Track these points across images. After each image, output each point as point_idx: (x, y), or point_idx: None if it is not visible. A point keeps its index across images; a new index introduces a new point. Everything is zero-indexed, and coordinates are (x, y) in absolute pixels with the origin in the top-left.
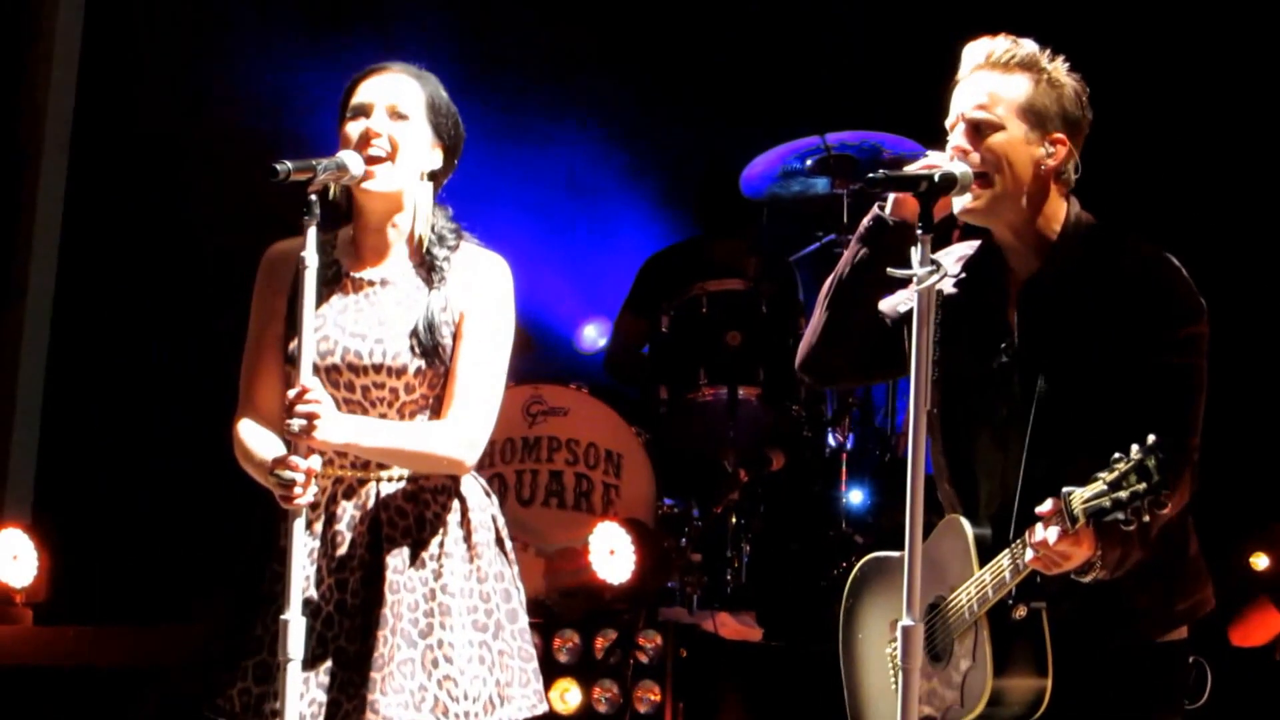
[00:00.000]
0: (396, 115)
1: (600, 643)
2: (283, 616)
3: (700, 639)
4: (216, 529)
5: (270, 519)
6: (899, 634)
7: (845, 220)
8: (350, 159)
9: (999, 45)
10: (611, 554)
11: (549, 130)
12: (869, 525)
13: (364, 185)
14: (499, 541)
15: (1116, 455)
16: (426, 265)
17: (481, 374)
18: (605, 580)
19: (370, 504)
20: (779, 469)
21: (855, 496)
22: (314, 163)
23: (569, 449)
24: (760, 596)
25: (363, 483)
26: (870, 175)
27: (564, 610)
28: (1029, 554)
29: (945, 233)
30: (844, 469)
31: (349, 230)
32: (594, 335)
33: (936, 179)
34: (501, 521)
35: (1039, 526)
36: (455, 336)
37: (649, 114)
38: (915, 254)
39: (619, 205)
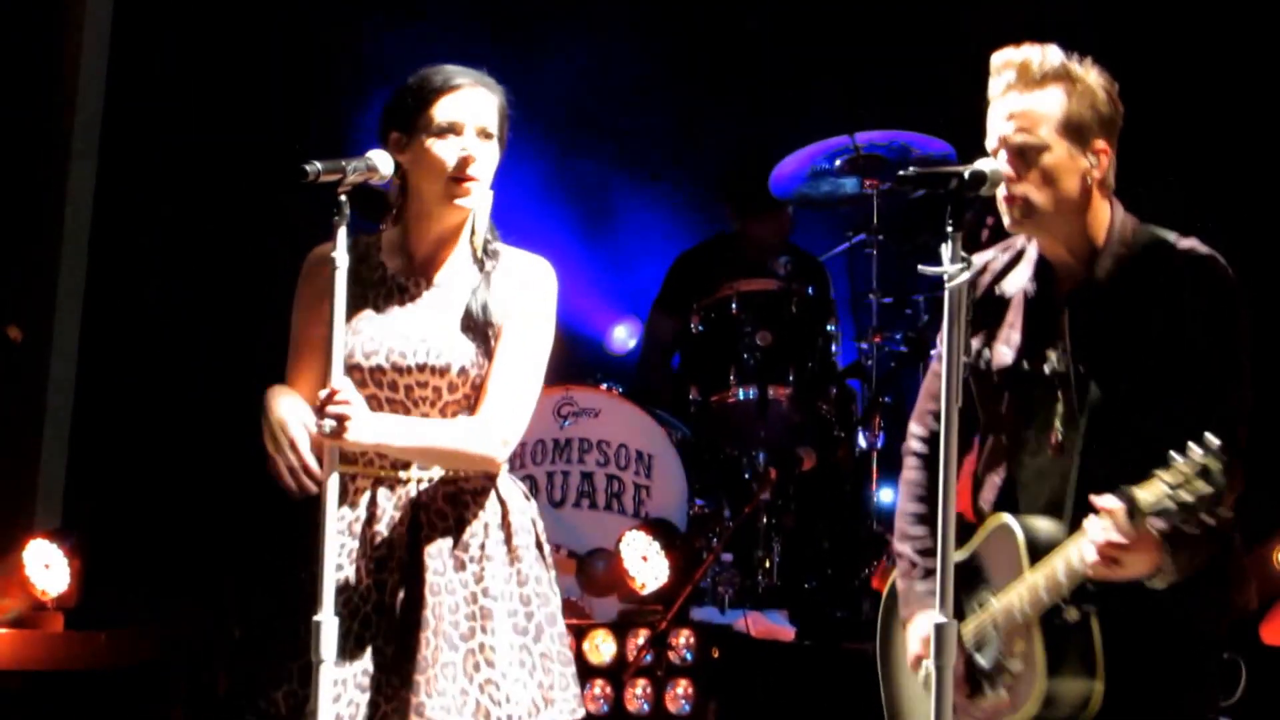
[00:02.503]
0: (485, 135)
1: (633, 643)
2: (315, 618)
3: (732, 639)
4: (244, 534)
5: (308, 520)
6: (931, 631)
7: (875, 220)
8: (380, 159)
9: (1030, 59)
10: (644, 560)
11: (578, 130)
12: None
13: (456, 202)
14: (538, 545)
15: (1174, 455)
16: (474, 265)
17: (517, 372)
18: (643, 586)
19: (410, 504)
20: (810, 469)
21: (887, 495)
22: (344, 164)
23: (600, 450)
24: (792, 595)
25: (402, 482)
26: (900, 173)
27: (597, 611)
28: (1090, 554)
29: (974, 231)
30: (875, 468)
31: (396, 233)
32: (624, 336)
33: (966, 176)
34: (540, 525)
35: (1098, 526)
36: (495, 335)
37: (679, 114)
38: (945, 251)
39: (649, 205)
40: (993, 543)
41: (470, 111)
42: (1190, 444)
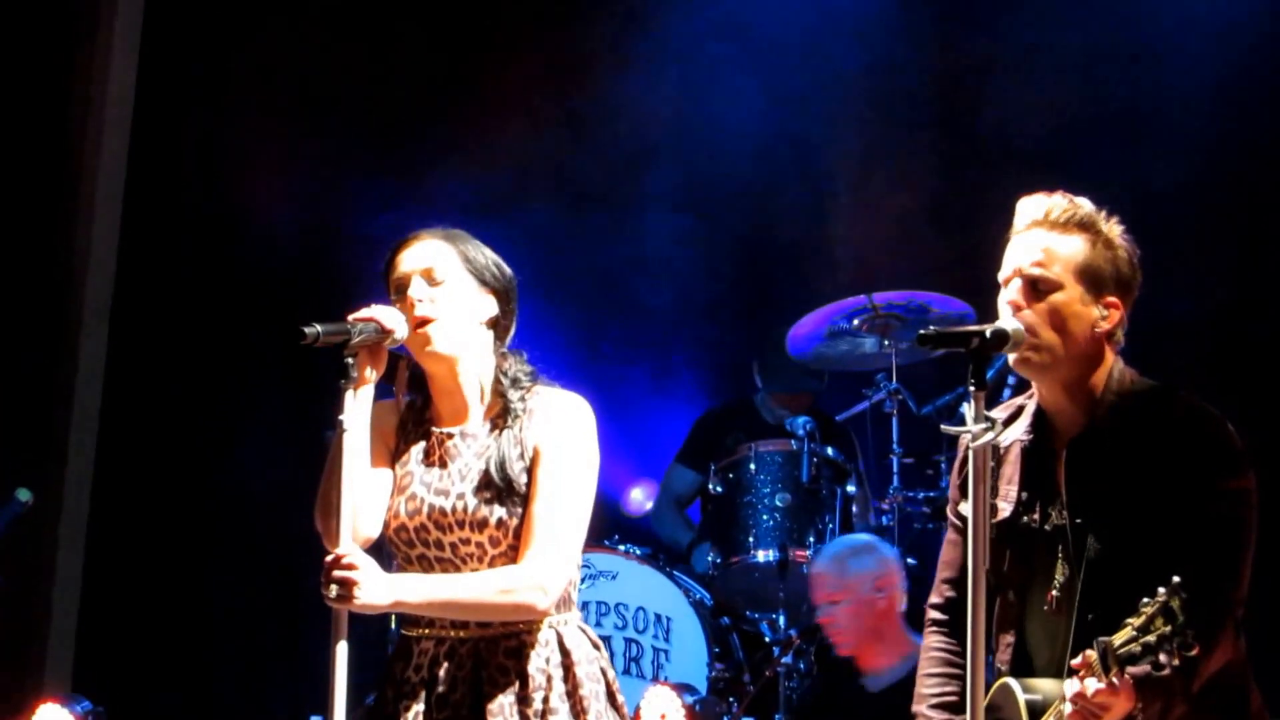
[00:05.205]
0: (432, 280)
1: None
2: None
3: None
4: (254, 697)
5: (383, 688)
6: None
7: (894, 379)
8: (390, 317)
9: (1057, 204)
10: (663, 718)
11: (593, 294)
12: None
13: (426, 350)
14: (609, 695)
15: (1144, 600)
16: (501, 410)
17: (554, 513)
18: None
19: (472, 663)
20: None
21: None
22: (348, 326)
23: (618, 613)
24: None
25: (463, 642)
26: (922, 333)
27: None
28: (1067, 707)
29: (997, 389)
30: None
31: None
32: (641, 498)
33: (988, 335)
34: (613, 674)
35: (1075, 679)
36: (530, 475)
37: (695, 279)
38: (969, 410)
39: (668, 367)
40: (998, 706)
41: (413, 263)
42: (1160, 587)
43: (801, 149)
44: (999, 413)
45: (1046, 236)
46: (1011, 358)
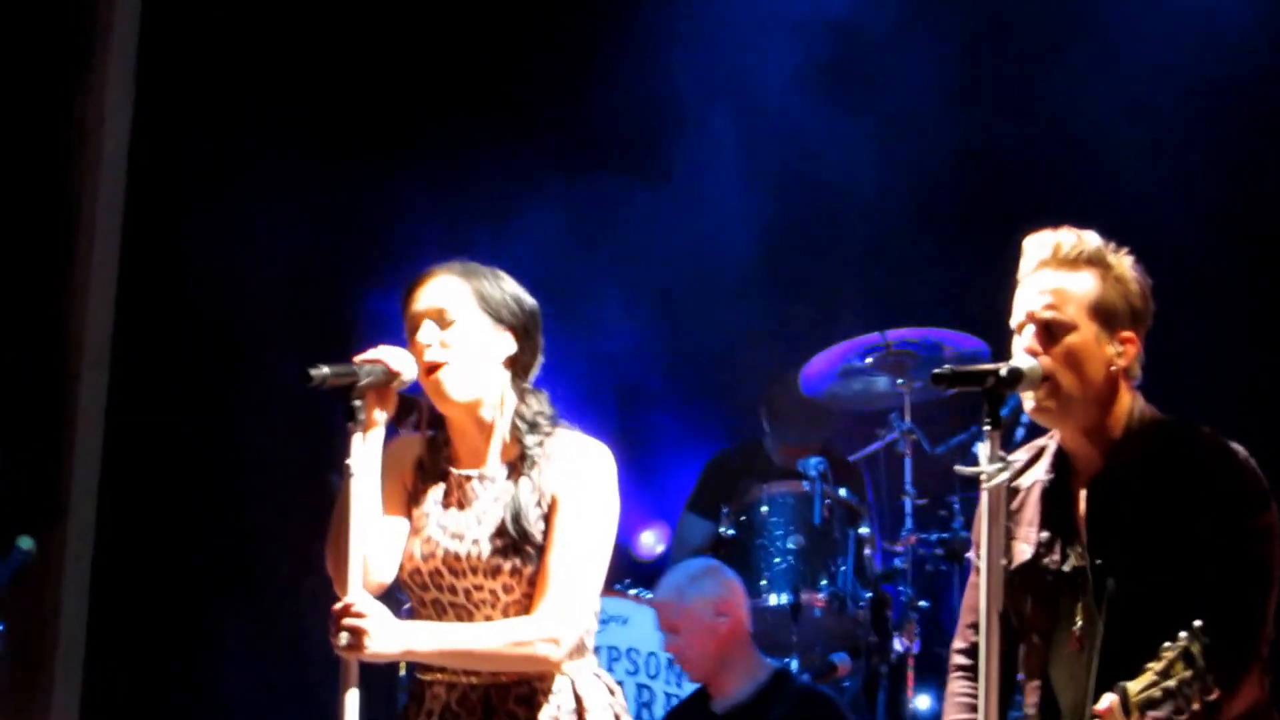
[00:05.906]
0: (444, 321)
1: None
2: None
3: None
4: None
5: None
6: None
7: (907, 418)
8: (397, 358)
9: (1065, 240)
10: None
11: (603, 333)
12: None
13: (438, 393)
14: None
15: (1165, 644)
16: (519, 455)
17: (571, 564)
18: None
19: (482, 709)
20: (844, 675)
21: (923, 702)
22: (355, 368)
23: (629, 659)
24: None
25: (474, 688)
26: (936, 371)
27: None
28: None
29: (1010, 428)
30: (910, 674)
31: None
32: (652, 542)
33: (1004, 374)
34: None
35: None
36: (548, 523)
37: (704, 317)
38: (983, 450)
39: (679, 411)
40: None
41: (424, 301)
42: (1181, 631)
43: (817, 188)
44: (1022, 454)
45: (1056, 276)
46: (1028, 406)
